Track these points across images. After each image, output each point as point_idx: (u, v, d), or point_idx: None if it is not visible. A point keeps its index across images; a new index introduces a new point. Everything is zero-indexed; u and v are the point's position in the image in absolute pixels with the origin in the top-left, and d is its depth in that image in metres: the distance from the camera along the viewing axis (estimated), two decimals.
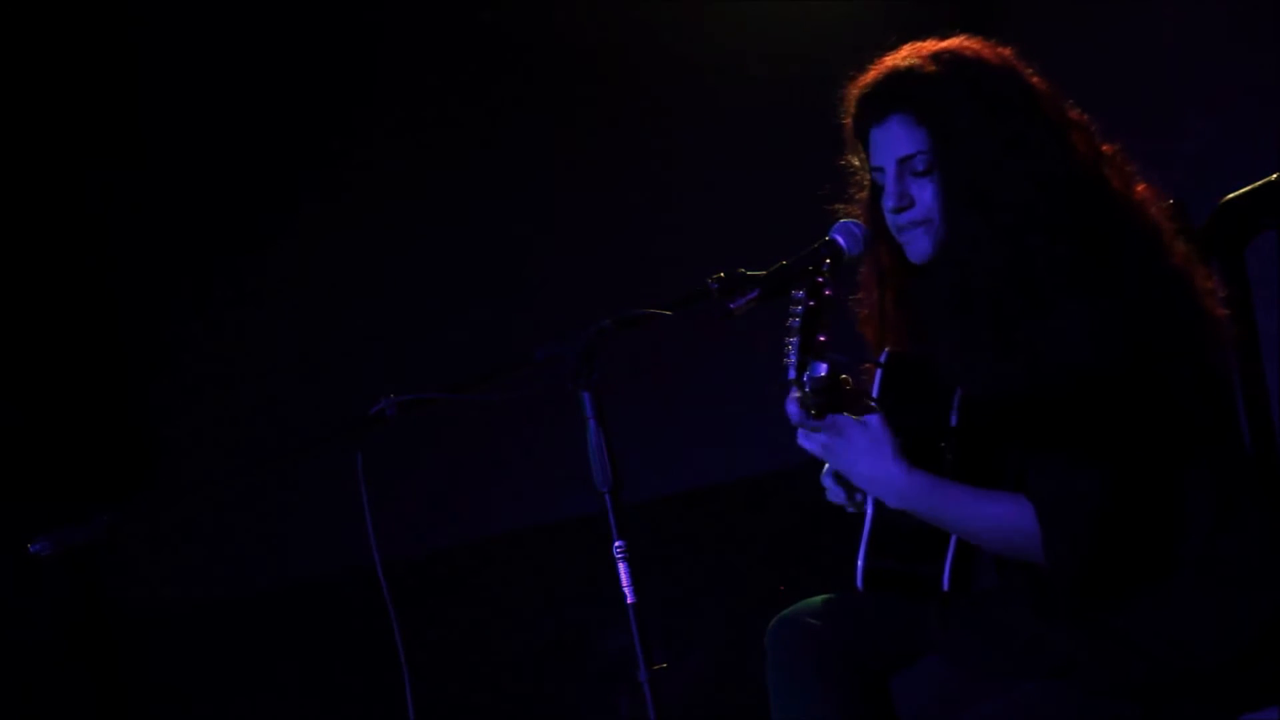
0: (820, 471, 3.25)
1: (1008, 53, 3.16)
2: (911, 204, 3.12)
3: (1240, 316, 3.31)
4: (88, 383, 6.18)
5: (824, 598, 3.29)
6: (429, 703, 3.38)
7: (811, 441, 3.07)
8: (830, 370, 2.92)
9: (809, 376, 2.93)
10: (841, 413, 3.00)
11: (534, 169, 5.77)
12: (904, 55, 3.14)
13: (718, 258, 3.31)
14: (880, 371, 3.19)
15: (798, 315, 2.99)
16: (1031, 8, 5.03)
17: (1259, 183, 3.42)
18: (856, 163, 3.25)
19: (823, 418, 2.97)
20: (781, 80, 5.27)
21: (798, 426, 3.06)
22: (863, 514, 3.20)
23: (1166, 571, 3.03)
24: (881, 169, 3.15)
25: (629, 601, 3.01)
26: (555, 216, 5.77)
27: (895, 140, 3.12)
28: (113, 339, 6.23)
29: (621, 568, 3.02)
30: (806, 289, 2.99)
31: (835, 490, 3.24)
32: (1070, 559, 2.99)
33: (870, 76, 3.16)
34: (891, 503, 3.04)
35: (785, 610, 3.29)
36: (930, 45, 3.15)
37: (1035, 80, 3.14)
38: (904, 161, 3.12)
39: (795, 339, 2.97)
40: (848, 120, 3.20)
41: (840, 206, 3.24)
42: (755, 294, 3.06)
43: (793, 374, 2.96)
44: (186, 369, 6.17)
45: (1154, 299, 3.02)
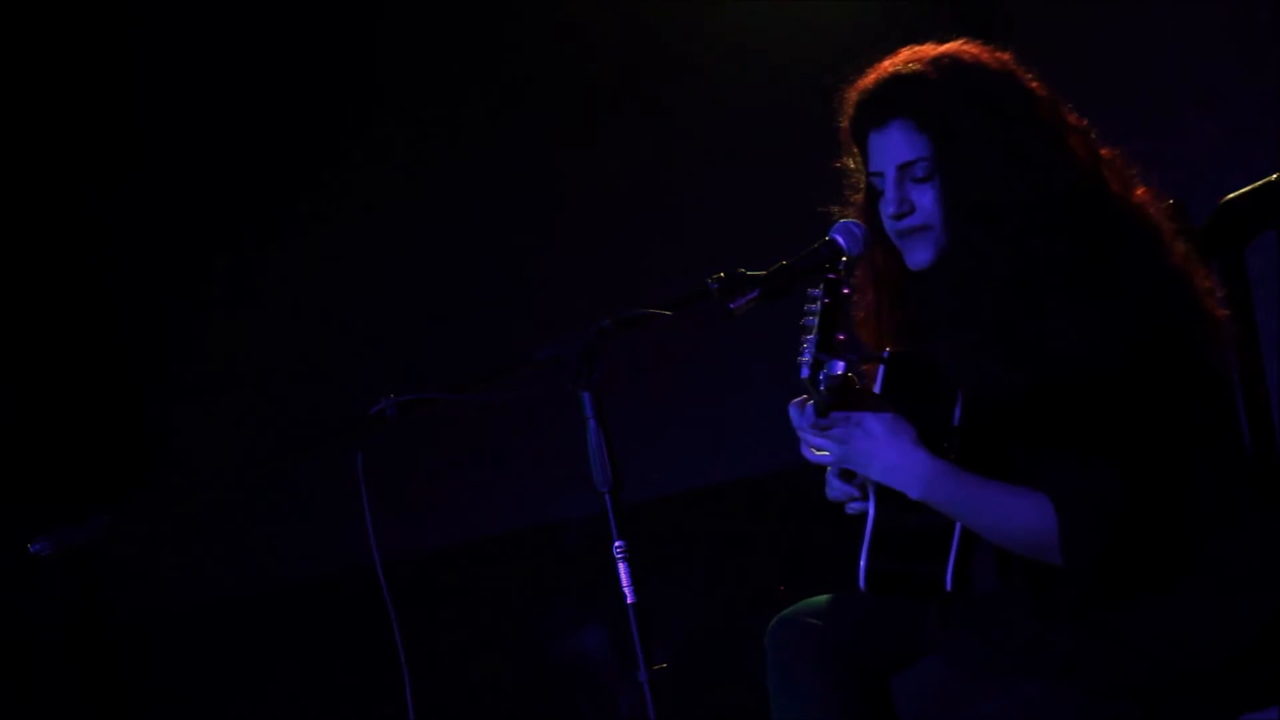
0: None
1: (1007, 57, 3.15)
2: (912, 210, 3.12)
3: (1240, 316, 3.32)
4: (88, 383, 6.18)
5: (824, 598, 3.30)
6: (429, 703, 3.38)
7: (822, 440, 3.07)
8: (845, 368, 2.94)
9: (825, 374, 2.94)
10: (853, 410, 3.01)
11: (534, 169, 5.77)
12: (904, 60, 3.13)
13: (718, 258, 3.31)
14: (882, 370, 3.19)
15: (814, 313, 2.99)
16: (1031, 8, 5.03)
17: (1259, 183, 3.42)
18: (852, 165, 3.24)
19: (829, 415, 2.98)
20: (781, 81, 5.27)
21: (806, 429, 3.07)
22: (863, 513, 3.20)
23: (1172, 572, 3.04)
24: (880, 174, 3.15)
25: (629, 601, 3.01)
26: (555, 216, 5.76)
27: (895, 146, 3.12)
28: (113, 339, 6.22)
29: (621, 568, 3.02)
30: (823, 287, 3.00)
31: (836, 487, 3.24)
32: (1086, 556, 2.99)
33: (870, 81, 3.15)
34: (914, 492, 3.04)
35: (785, 610, 3.29)
36: (930, 50, 3.14)
37: (1035, 85, 3.13)
38: (904, 168, 3.12)
39: (812, 337, 2.98)
40: (845, 123, 3.20)
41: (836, 209, 3.24)
42: (755, 294, 3.06)
43: (806, 373, 2.96)
44: (186, 369, 6.17)
45: (1154, 299, 3.02)
